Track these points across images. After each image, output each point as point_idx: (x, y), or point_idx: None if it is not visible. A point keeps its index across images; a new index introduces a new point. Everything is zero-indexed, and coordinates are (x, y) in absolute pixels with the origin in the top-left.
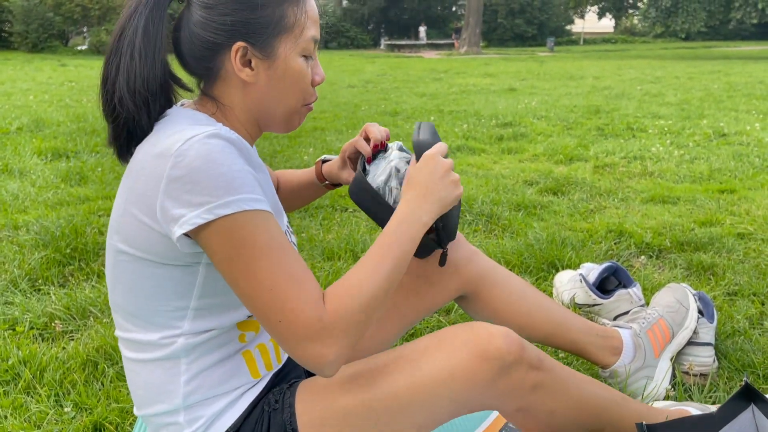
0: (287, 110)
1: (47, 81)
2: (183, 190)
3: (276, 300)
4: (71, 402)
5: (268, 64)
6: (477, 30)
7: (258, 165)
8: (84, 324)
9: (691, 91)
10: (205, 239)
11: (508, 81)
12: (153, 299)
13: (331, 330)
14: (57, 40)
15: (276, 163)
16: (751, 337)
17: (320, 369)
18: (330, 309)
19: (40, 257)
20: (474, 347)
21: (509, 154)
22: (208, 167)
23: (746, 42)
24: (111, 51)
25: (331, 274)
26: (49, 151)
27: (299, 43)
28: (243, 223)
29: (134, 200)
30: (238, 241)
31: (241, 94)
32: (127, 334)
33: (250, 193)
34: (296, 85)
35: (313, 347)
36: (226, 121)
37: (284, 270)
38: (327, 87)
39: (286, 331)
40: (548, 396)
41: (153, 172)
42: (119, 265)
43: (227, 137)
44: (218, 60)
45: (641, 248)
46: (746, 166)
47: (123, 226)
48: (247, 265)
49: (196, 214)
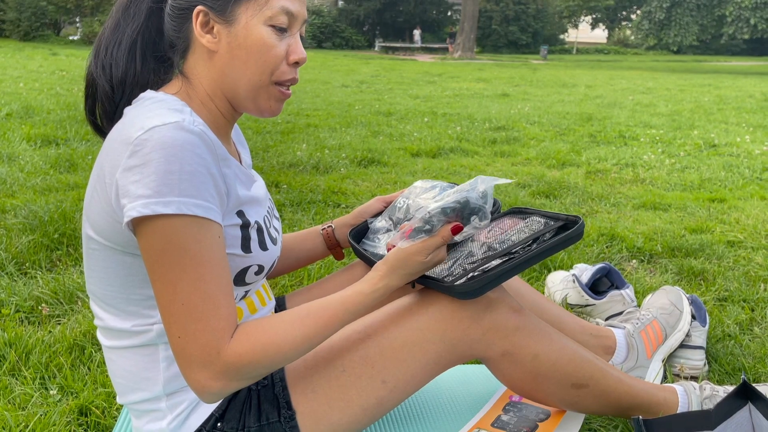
0: (251, 84)
1: (38, 69)
2: (131, 180)
3: (184, 316)
4: (57, 385)
5: (229, 30)
6: (471, 35)
7: (224, 157)
8: (71, 308)
9: (682, 102)
10: (139, 233)
11: (502, 86)
12: (125, 288)
13: (225, 368)
14: (49, 29)
15: (268, 158)
16: (741, 342)
17: (199, 394)
18: (234, 348)
19: (27, 241)
20: None
21: (502, 157)
22: (160, 161)
23: (737, 57)
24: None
25: (323, 268)
26: (39, 138)
27: (264, 12)
28: (178, 227)
29: (99, 187)
30: (168, 243)
31: (207, 65)
32: (103, 323)
33: (194, 198)
34: (259, 55)
35: (200, 374)
36: (194, 96)
37: (204, 288)
38: (321, 86)
39: (181, 349)
40: (531, 338)
41: (114, 158)
42: (92, 254)
43: (190, 129)
44: (185, 29)
45: (633, 252)
46: (736, 176)
47: (91, 213)
48: (170, 272)
49: (134, 206)
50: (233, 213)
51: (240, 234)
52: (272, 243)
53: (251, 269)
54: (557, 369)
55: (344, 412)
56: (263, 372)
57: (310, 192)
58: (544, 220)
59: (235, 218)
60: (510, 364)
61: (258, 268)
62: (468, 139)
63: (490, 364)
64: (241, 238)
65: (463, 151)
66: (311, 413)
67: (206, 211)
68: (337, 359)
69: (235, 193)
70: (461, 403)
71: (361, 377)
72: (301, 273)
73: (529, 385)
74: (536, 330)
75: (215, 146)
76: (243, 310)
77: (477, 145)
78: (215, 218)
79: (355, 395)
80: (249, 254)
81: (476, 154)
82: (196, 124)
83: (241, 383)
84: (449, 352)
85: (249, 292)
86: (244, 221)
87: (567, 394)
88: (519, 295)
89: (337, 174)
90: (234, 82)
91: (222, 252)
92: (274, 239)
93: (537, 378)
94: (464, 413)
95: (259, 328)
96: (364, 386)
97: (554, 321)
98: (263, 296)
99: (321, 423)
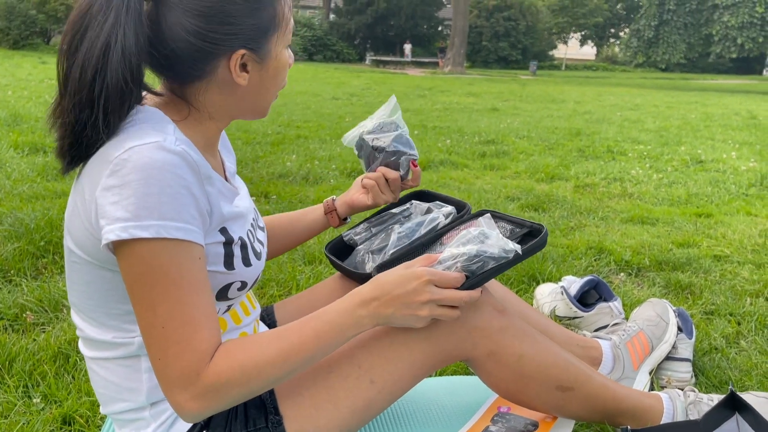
0: (266, 103)
1: (27, 77)
2: (110, 200)
3: (164, 338)
4: (40, 393)
5: (262, 65)
6: (461, 50)
7: (207, 176)
8: (56, 317)
9: (669, 119)
10: (118, 255)
11: (491, 101)
12: (105, 302)
13: (205, 389)
14: (39, 38)
15: (258, 168)
16: (728, 355)
17: (180, 415)
18: (214, 369)
19: (13, 249)
20: None
21: (491, 170)
22: (139, 183)
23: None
24: (71, 51)
25: (312, 277)
26: (27, 146)
27: (286, 36)
28: (158, 250)
29: (80, 201)
30: (147, 267)
31: (225, 96)
32: (84, 334)
33: (174, 220)
34: (282, 79)
35: (180, 395)
36: (191, 115)
37: (184, 311)
38: (311, 98)
39: (161, 370)
40: (516, 339)
41: (94, 175)
42: (73, 266)
43: (171, 149)
44: (209, 66)
45: (621, 265)
46: (722, 192)
47: (71, 227)
48: (149, 295)
49: (112, 228)
50: (216, 231)
51: (223, 251)
52: (256, 258)
53: (234, 285)
54: (542, 370)
55: (332, 414)
56: (243, 392)
57: (300, 203)
58: (510, 227)
59: (219, 236)
60: (495, 364)
61: (241, 284)
62: (458, 152)
63: (476, 366)
64: (224, 255)
65: (452, 164)
66: (299, 417)
67: (186, 233)
68: (324, 361)
69: (218, 211)
70: (450, 413)
71: (349, 378)
72: (290, 282)
73: (515, 386)
74: (521, 331)
75: (198, 165)
76: (227, 322)
77: (466, 158)
78: (196, 239)
79: (343, 396)
80: (232, 271)
81: (466, 167)
82: (178, 143)
83: (220, 404)
84: (435, 351)
85: (233, 305)
86: (228, 238)
87: (552, 396)
88: (506, 304)
89: (327, 185)
90: (251, 105)
91: (203, 273)
92: (258, 253)
93: (522, 379)
94: (453, 424)
95: (238, 346)
96: (351, 387)
97: (541, 331)
98: (247, 306)
99: (309, 427)
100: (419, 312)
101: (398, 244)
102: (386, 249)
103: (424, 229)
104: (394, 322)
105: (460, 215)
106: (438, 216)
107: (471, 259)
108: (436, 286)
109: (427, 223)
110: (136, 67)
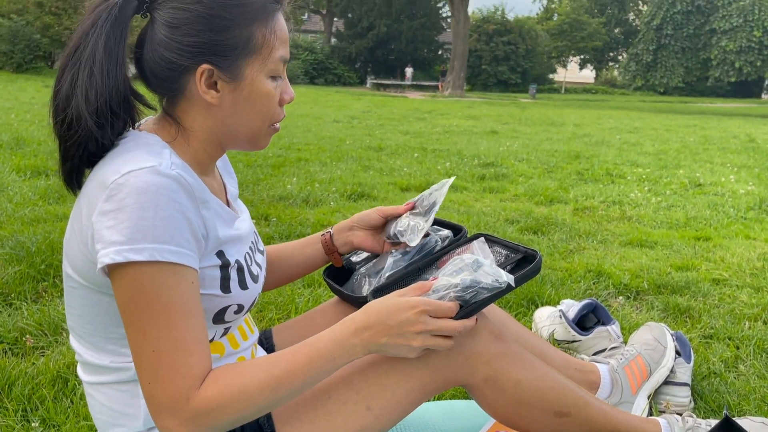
0: (252, 132)
1: (30, 101)
2: (106, 225)
3: (154, 363)
4: (39, 418)
5: (234, 86)
6: (461, 74)
7: (203, 200)
8: (55, 340)
9: (668, 142)
10: (112, 279)
11: (491, 124)
12: (103, 326)
13: (194, 415)
14: (42, 62)
15: (258, 191)
16: (727, 380)
17: None
18: (204, 395)
19: (13, 272)
20: None
21: (491, 193)
22: (134, 207)
23: (721, 99)
24: (64, 66)
25: (311, 300)
26: (29, 169)
27: (267, 65)
28: (151, 274)
29: (77, 226)
30: (140, 290)
31: (205, 115)
32: (82, 358)
33: (168, 244)
34: (263, 107)
35: (169, 420)
36: (182, 137)
37: (175, 336)
38: (312, 121)
39: (151, 395)
40: (513, 365)
41: (91, 200)
42: (71, 291)
43: (167, 173)
44: (182, 81)
45: (619, 289)
46: (721, 215)
47: (69, 252)
48: (141, 318)
49: (107, 252)
50: (212, 254)
51: (219, 275)
52: (253, 281)
53: (230, 308)
54: (540, 396)
55: None
56: (233, 418)
57: (300, 225)
58: (506, 252)
59: (215, 259)
60: (493, 390)
61: (237, 308)
62: (457, 174)
63: (474, 391)
64: (220, 278)
65: (452, 187)
66: None
67: (180, 257)
68: (323, 386)
69: (215, 235)
70: None
71: (347, 404)
72: (289, 306)
73: (513, 412)
74: (518, 356)
75: (193, 189)
76: (225, 346)
77: (466, 181)
78: (190, 263)
79: (341, 423)
80: (228, 294)
81: (465, 189)
82: (174, 167)
83: (210, 430)
84: (433, 378)
85: (230, 329)
86: (224, 261)
87: (550, 422)
88: (504, 328)
89: (327, 207)
90: (235, 131)
91: (196, 298)
92: (255, 276)
93: (520, 405)
94: None
95: (229, 372)
96: (349, 413)
97: (539, 355)
98: (245, 330)
99: None
100: (412, 342)
101: (394, 267)
102: (382, 272)
103: (420, 254)
104: (387, 351)
105: (456, 238)
106: (434, 239)
107: (465, 290)
108: (430, 315)
109: (423, 246)
110: (123, 80)
